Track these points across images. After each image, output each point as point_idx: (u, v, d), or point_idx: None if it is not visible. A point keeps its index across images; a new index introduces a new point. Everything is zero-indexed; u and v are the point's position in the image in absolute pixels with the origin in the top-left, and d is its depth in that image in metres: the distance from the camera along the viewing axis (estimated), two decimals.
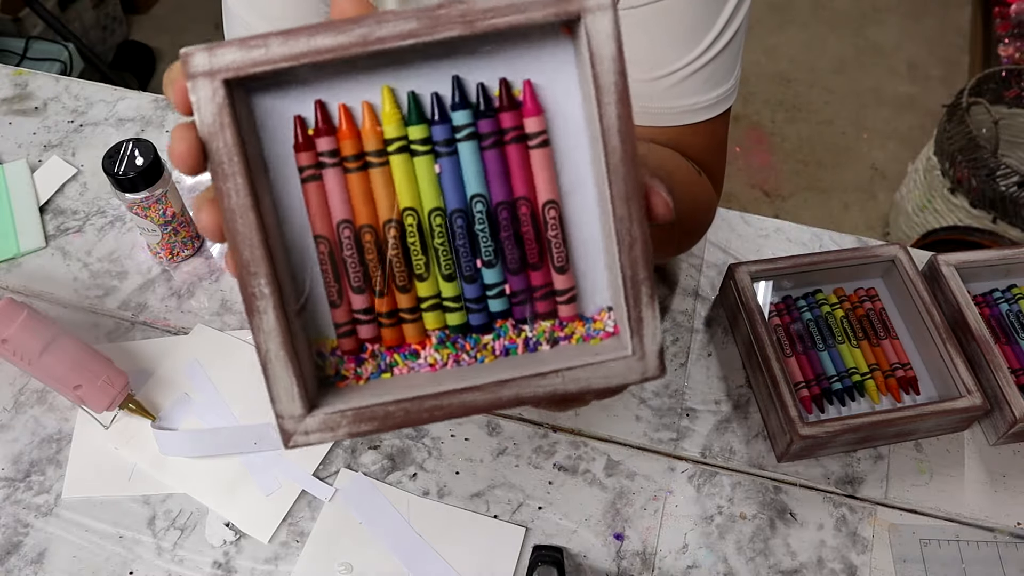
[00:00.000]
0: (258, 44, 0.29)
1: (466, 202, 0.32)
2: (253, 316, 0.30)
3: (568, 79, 0.31)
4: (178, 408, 0.68)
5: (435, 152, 0.31)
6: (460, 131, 0.31)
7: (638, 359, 0.31)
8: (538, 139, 0.31)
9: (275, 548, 0.63)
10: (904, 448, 0.69)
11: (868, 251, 0.74)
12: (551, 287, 0.33)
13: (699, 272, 0.78)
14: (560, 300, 0.33)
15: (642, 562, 0.63)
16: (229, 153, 0.29)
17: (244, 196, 0.29)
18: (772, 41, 2.28)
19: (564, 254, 0.32)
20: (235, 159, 0.29)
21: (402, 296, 0.32)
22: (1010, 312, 0.73)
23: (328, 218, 0.32)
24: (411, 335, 0.33)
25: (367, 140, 0.31)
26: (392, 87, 0.31)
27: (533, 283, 0.33)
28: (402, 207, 0.32)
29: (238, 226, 0.29)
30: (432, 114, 0.31)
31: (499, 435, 0.68)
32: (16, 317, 0.64)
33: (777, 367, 0.66)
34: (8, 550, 0.62)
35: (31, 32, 1.82)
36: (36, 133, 0.87)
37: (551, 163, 0.32)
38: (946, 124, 1.62)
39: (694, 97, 0.63)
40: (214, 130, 0.29)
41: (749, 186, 1.97)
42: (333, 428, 0.30)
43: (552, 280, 0.33)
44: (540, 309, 0.33)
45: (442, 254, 0.32)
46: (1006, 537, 0.66)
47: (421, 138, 0.31)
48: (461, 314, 0.33)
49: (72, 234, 0.79)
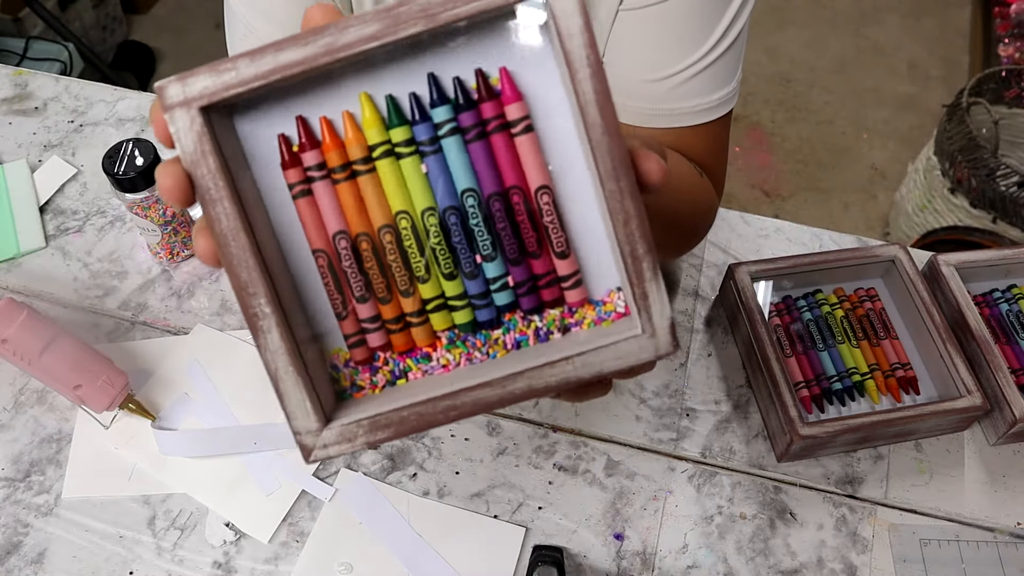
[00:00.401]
0: (228, 68, 0.29)
1: (458, 198, 0.32)
2: (258, 336, 0.30)
3: (543, 61, 0.31)
4: (178, 408, 0.68)
5: (420, 152, 0.31)
6: (442, 127, 0.31)
7: (648, 337, 0.30)
8: (521, 125, 0.31)
9: (275, 548, 0.63)
10: (904, 448, 0.69)
11: (868, 251, 0.74)
12: (554, 274, 0.32)
13: (699, 272, 0.78)
14: (565, 286, 0.32)
15: (642, 562, 0.63)
16: (214, 179, 0.29)
17: (234, 219, 0.29)
18: (772, 41, 2.28)
19: (563, 238, 0.32)
20: (220, 184, 0.29)
21: (406, 300, 0.32)
22: (1010, 312, 0.73)
23: (323, 231, 0.32)
24: (420, 338, 0.33)
25: (351, 149, 0.31)
26: (370, 93, 0.31)
27: (536, 272, 0.32)
28: (394, 211, 0.32)
29: (232, 249, 0.29)
30: (412, 114, 0.31)
31: (499, 435, 0.68)
32: (16, 317, 0.64)
33: (777, 367, 0.66)
34: (8, 550, 0.62)
35: (31, 32, 1.82)
36: (36, 133, 0.87)
37: (538, 148, 0.31)
38: (946, 124, 1.62)
39: (696, 99, 0.63)
40: (196, 158, 0.29)
41: (749, 186, 1.97)
42: (351, 439, 0.31)
43: (555, 267, 0.32)
44: (546, 297, 0.32)
45: (440, 253, 0.32)
46: (1006, 537, 0.66)
47: (404, 140, 0.31)
48: (467, 312, 0.32)
49: (72, 234, 0.79)
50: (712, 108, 0.64)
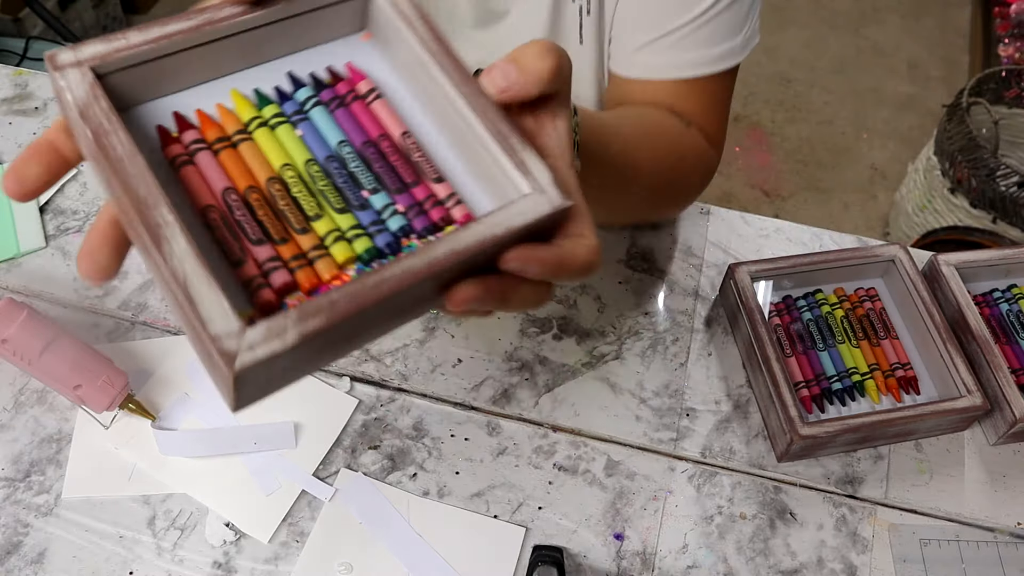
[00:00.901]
0: (118, 37, 0.32)
1: (334, 150, 0.35)
2: (161, 246, 0.29)
3: (375, 60, 0.37)
4: (178, 408, 0.68)
5: (291, 122, 0.35)
6: (307, 104, 0.35)
7: (539, 193, 0.33)
8: (372, 95, 0.36)
9: (275, 548, 0.63)
10: (904, 448, 0.69)
11: (868, 251, 0.74)
12: (435, 197, 0.34)
13: (699, 272, 0.78)
14: (449, 205, 0.34)
15: (642, 562, 0.63)
16: (107, 115, 0.31)
17: (129, 145, 0.30)
18: (772, 41, 2.28)
19: (434, 168, 0.35)
20: (113, 118, 0.31)
21: (302, 238, 0.32)
22: (1010, 312, 0.73)
23: (210, 191, 0.33)
24: (324, 269, 0.32)
25: (227, 126, 0.34)
26: (238, 89, 0.35)
27: (418, 197, 0.34)
28: (277, 166, 0.34)
29: (128, 169, 0.30)
30: (279, 100, 0.36)
31: (499, 435, 0.68)
32: (16, 317, 0.64)
33: (777, 367, 0.66)
34: (8, 550, 0.62)
35: (31, 32, 1.82)
36: (36, 133, 0.87)
37: (391, 108, 0.36)
38: (946, 124, 1.62)
39: (702, 49, 0.65)
40: (88, 101, 0.31)
41: (749, 186, 1.97)
42: (280, 334, 0.28)
43: (434, 191, 0.35)
44: (435, 217, 0.34)
45: (329, 193, 0.34)
46: (1006, 537, 0.66)
47: (274, 114, 0.35)
48: (365, 239, 0.33)
49: (72, 234, 0.79)
50: (714, 61, 0.66)
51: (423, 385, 0.70)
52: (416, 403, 0.70)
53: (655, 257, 0.79)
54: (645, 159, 0.60)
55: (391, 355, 0.72)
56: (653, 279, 0.78)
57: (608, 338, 0.74)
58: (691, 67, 0.66)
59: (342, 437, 0.68)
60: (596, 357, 0.73)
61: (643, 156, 0.60)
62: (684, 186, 0.68)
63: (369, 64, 0.37)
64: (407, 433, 0.68)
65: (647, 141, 0.61)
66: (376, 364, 0.71)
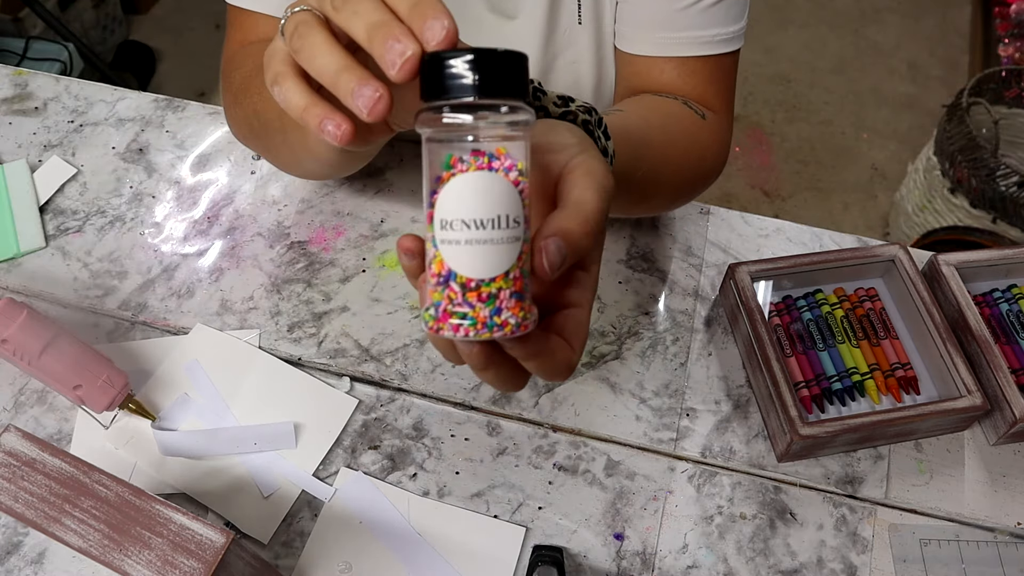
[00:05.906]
0: None
1: None
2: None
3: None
4: (178, 408, 0.68)
5: None
6: None
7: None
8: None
9: (275, 548, 0.63)
10: (904, 448, 0.69)
11: (868, 251, 0.74)
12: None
13: (699, 272, 0.78)
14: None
15: (642, 562, 0.63)
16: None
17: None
18: (772, 41, 2.28)
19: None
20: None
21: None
22: (1010, 312, 0.73)
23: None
24: None
25: None
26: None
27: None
28: None
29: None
30: None
31: (499, 435, 0.68)
32: (16, 317, 0.64)
33: (777, 367, 0.66)
34: (8, 550, 0.62)
35: (31, 32, 1.82)
36: (36, 133, 0.87)
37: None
38: (946, 124, 1.62)
39: (716, 28, 0.69)
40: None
41: (749, 186, 1.97)
42: None
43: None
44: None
45: None
46: (1006, 537, 0.66)
47: None
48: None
49: (72, 234, 0.79)
50: (729, 39, 0.70)
51: (423, 385, 0.70)
52: (416, 403, 0.70)
53: (655, 257, 0.79)
54: (671, 168, 0.63)
55: (391, 355, 0.72)
56: (653, 279, 0.78)
57: (608, 338, 0.74)
58: (704, 45, 0.69)
59: (342, 437, 0.68)
60: (596, 357, 0.73)
61: (669, 169, 0.63)
62: (704, 178, 0.71)
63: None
64: (407, 433, 0.68)
65: (673, 150, 0.64)
66: (376, 364, 0.71)
